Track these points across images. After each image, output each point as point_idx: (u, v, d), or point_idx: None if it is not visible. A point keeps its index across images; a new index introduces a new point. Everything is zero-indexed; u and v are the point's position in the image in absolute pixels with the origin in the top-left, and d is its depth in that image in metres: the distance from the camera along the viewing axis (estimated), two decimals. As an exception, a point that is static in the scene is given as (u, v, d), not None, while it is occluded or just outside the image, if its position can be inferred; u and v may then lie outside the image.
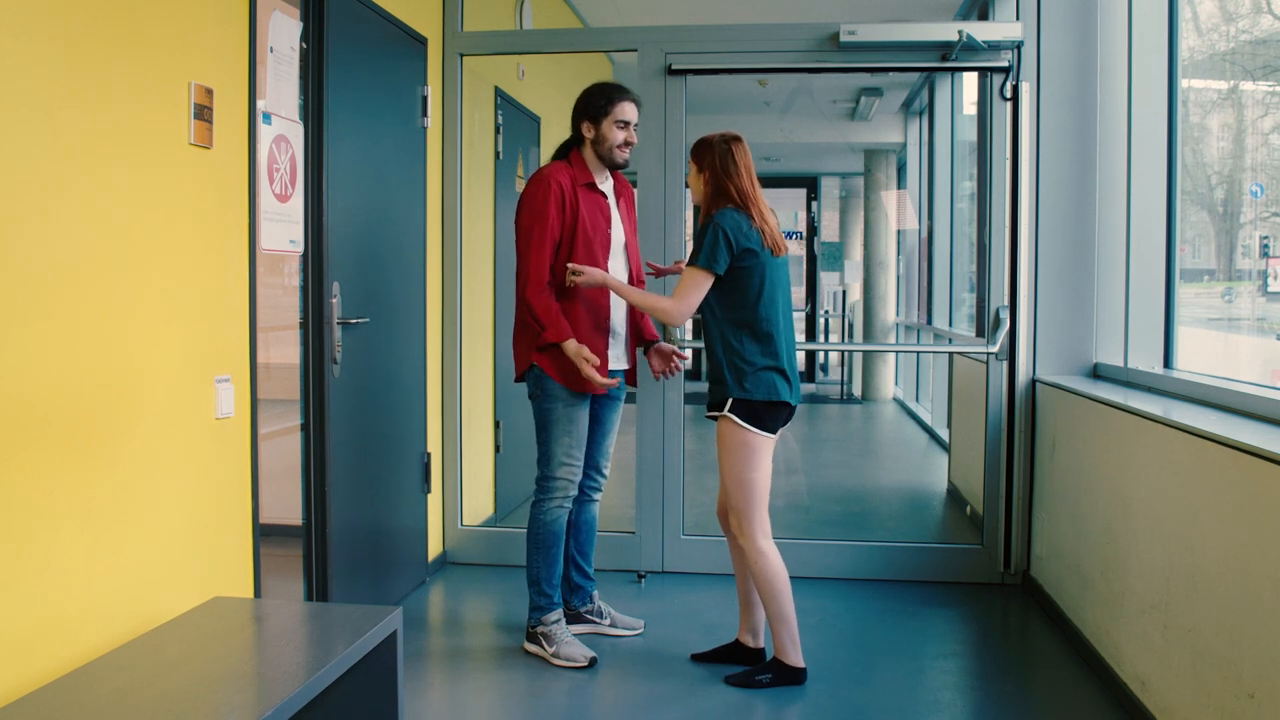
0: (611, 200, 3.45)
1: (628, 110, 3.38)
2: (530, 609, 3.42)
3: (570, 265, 3.23)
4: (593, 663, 3.29)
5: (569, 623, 3.60)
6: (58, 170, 2.15)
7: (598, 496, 3.62)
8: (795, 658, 3.18)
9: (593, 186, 3.38)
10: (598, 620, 3.61)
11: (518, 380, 3.44)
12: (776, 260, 3.14)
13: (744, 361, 3.10)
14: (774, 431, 3.15)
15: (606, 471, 3.62)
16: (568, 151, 3.43)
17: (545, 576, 3.39)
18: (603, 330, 3.38)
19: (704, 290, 3.09)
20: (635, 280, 3.49)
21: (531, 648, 3.40)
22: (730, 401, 3.10)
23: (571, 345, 3.23)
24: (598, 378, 3.23)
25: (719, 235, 3.06)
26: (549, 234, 3.26)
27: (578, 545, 3.60)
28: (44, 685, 2.06)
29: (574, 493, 3.41)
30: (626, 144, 3.38)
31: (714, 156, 3.16)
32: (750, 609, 3.33)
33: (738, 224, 3.08)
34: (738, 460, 3.13)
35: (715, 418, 3.17)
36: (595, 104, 3.37)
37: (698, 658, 3.38)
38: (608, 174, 3.47)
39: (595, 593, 3.65)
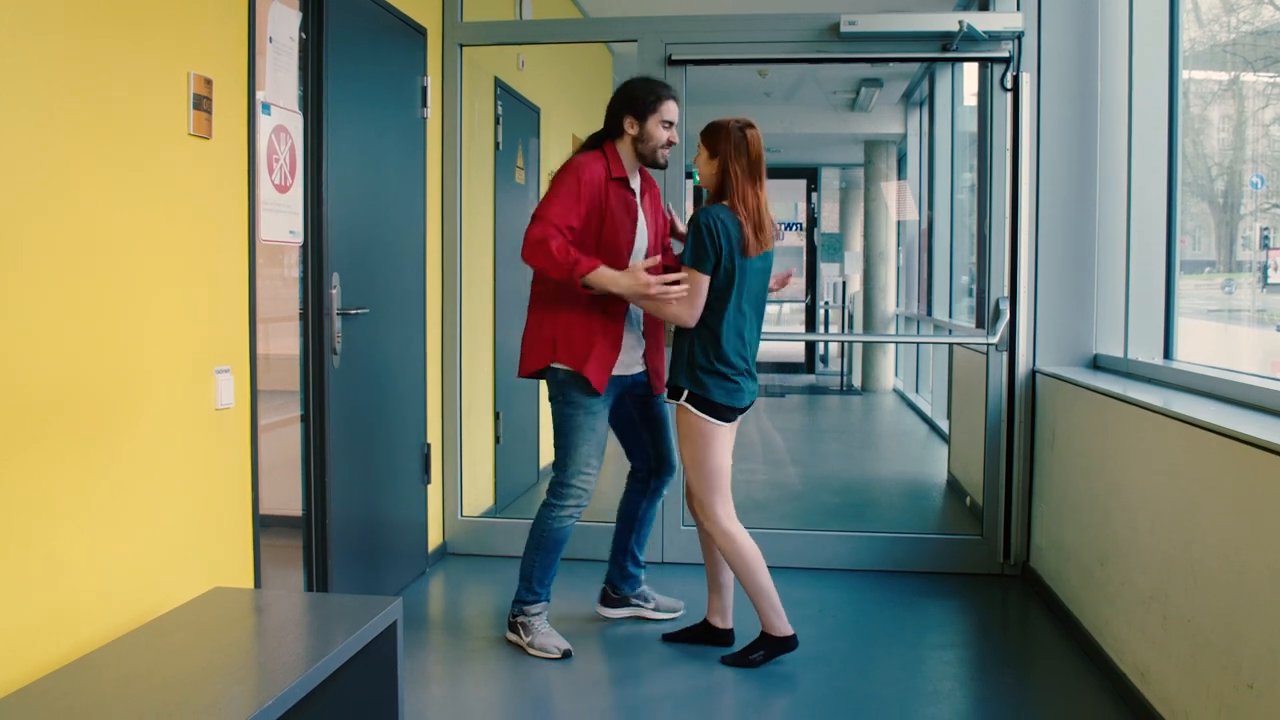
0: (638, 199, 3.38)
1: (673, 109, 3.31)
2: (515, 599, 3.40)
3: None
4: (567, 655, 3.29)
5: (614, 606, 3.64)
6: (56, 162, 2.15)
7: (667, 491, 3.64)
8: (782, 627, 3.22)
9: (624, 183, 3.31)
10: (642, 604, 3.63)
11: (521, 377, 3.40)
12: (748, 261, 3.13)
13: (702, 356, 3.14)
14: (730, 421, 3.21)
15: (676, 463, 3.58)
16: (599, 143, 3.35)
17: (539, 576, 3.37)
18: (613, 335, 3.29)
19: (705, 287, 3.13)
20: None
21: (511, 636, 3.40)
22: (685, 393, 3.15)
23: (604, 273, 3.11)
24: (653, 280, 3.10)
25: (700, 235, 3.09)
26: (575, 207, 3.14)
27: (637, 538, 3.61)
28: (46, 675, 2.07)
29: (587, 503, 3.35)
30: (669, 144, 3.33)
31: (727, 145, 3.14)
32: (719, 591, 3.39)
33: (719, 223, 3.09)
34: (695, 448, 3.19)
35: (673, 404, 3.23)
36: (643, 100, 3.27)
37: (669, 638, 3.44)
38: (637, 171, 3.40)
39: (644, 575, 3.66)
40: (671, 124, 3.32)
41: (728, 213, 3.11)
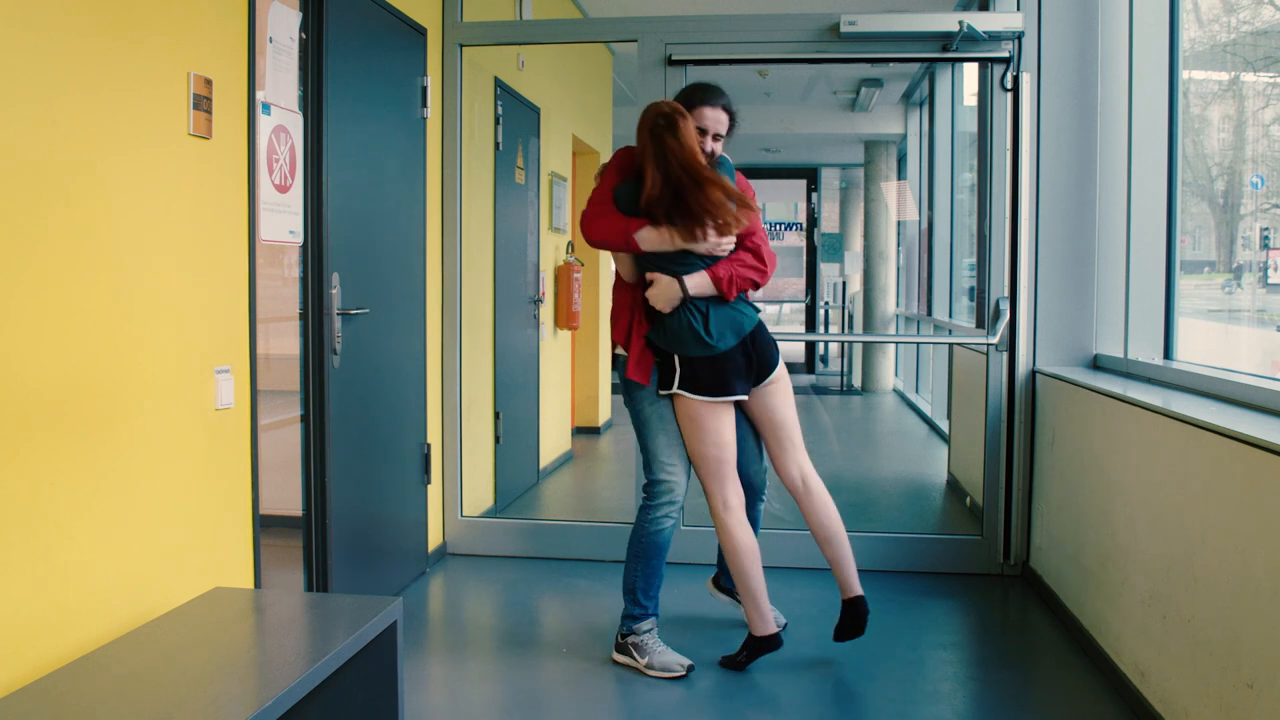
0: None
1: (708, 116, 3.13)
2: (623, 617, 3.25)
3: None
4: (689, 671, 3.16)
5: (720, 592, 3.58)
6: (56, 162, 2.15)
7: (762, 507, 3.50)
8: (764, 627, 3.19)
9: None
10: (741, 605, 3.56)
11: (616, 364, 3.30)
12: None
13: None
14: (719, 394, 3.09)
15: (760, 479, 3.47)
16: None
17: (643, 587, 3.22)
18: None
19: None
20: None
21: (621, 658, 3.24)
22: (678, 377, 3.09)
23: (646, 234, 3.01)
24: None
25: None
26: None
27: None
28: (45, 675, 2.07)
29: (680, 498, 3.22)
30: (709, 153, 3.14)
31: (643, 141, 3.02)
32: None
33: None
34: (690, 436, 3.15)
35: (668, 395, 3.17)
36: (685, 99, 3.14)
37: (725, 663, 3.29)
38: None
39: None
40: (706, 132, 3.12)
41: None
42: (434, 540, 4.35)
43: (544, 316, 6.16)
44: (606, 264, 8.15)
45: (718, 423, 3.13)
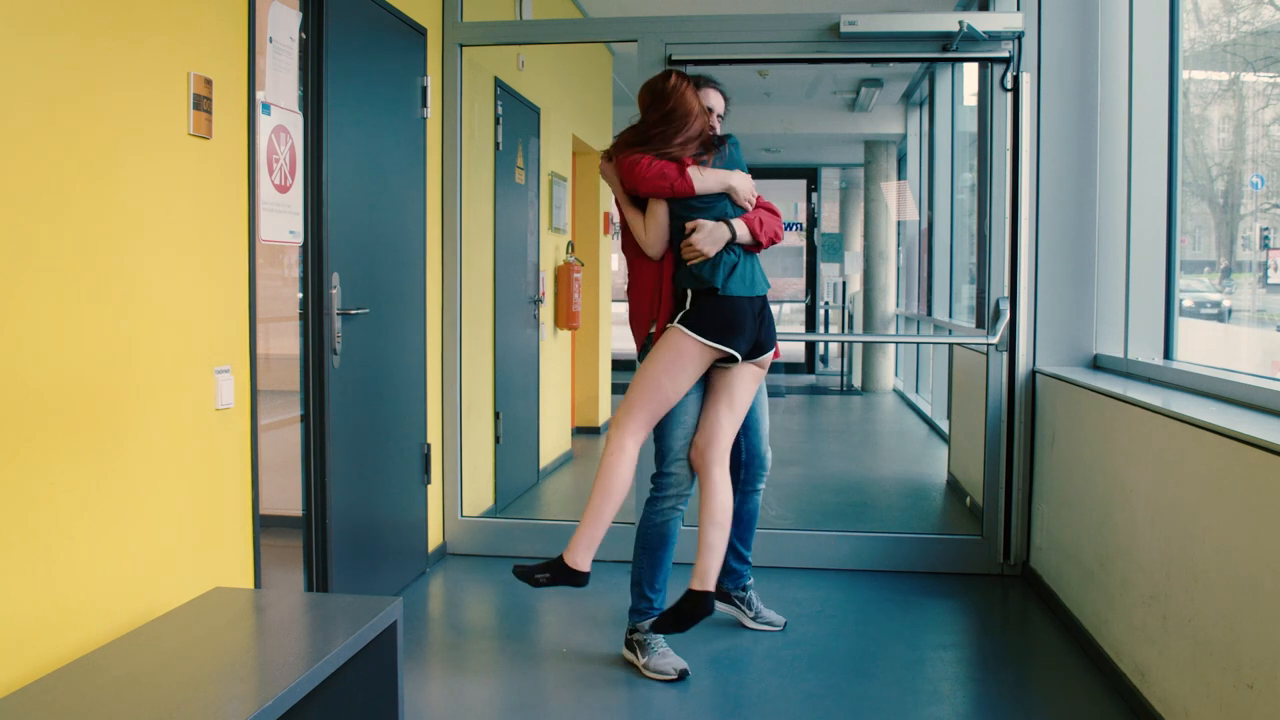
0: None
1: (710, 96, 3.40)
2: (630, 611, 3.27)
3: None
4: (683, 675, 3.13)
5: (716, 600, 3.54)
6: (56, 162, 2.15)
7: (761, 486, 3.55)
8: (582, 562, 3.08)
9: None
10: (742, 609, 3.58)
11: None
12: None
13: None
14: (718, 341, 3.03)
15: (767, 457, 3.53)
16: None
17: (648, 579, 3.23)
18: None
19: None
20: None
21: (627, 655, 3.26)
22: (684, 315, 3.06)
23: (696, 172, 3.08)
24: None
25: None
26: None
27: (738, 533, 3.52)
28: (45, 676, 2.07)
29: (688, 492, 3.22)
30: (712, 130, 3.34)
31: (645, 98, 3.22)
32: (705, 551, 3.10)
33: None
34: (658, 362, 3.05)
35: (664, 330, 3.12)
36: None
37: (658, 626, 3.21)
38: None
39: (749, 581, 3.59)
40: (711, 110, 3.34)
41: None
42: (434, 540, 4.35)
43: (544, 316, 6.16)
44: (606, 265, 8.15)
45: (693, 368, 3.06)
